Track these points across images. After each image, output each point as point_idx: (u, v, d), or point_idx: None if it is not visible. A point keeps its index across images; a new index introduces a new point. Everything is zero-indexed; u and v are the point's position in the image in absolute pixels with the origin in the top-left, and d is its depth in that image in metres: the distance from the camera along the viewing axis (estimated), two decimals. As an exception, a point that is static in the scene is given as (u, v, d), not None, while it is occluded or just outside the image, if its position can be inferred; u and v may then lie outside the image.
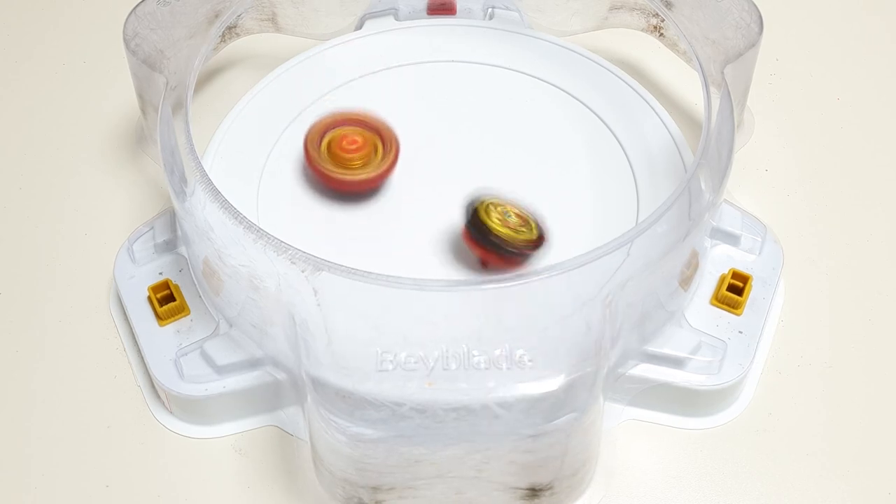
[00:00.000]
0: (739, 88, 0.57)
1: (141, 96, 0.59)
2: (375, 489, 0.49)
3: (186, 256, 0.56)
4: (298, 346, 0.48)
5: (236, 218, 0.49)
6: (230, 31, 0.63)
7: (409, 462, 0.47)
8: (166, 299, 0.54)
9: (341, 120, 0.59)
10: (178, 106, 0.55)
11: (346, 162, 0.57)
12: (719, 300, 0.55)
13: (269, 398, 0.53)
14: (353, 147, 0.57)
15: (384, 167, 0.57)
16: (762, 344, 0.55)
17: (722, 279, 0.55)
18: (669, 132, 0.60)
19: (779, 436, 0.54)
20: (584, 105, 0.62)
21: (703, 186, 0.52)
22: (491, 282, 0.48)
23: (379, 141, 0.58)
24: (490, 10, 0.66)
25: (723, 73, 0.56)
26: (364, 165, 0.57)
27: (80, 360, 0.56)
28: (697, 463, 0.53)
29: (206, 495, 0.52)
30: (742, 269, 0.56)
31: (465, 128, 0.61)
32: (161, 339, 0.54)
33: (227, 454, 0.53)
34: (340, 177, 0.57)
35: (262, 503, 0.51)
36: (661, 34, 0.64)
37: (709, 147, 0.53)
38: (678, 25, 0.59)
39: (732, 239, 0.57)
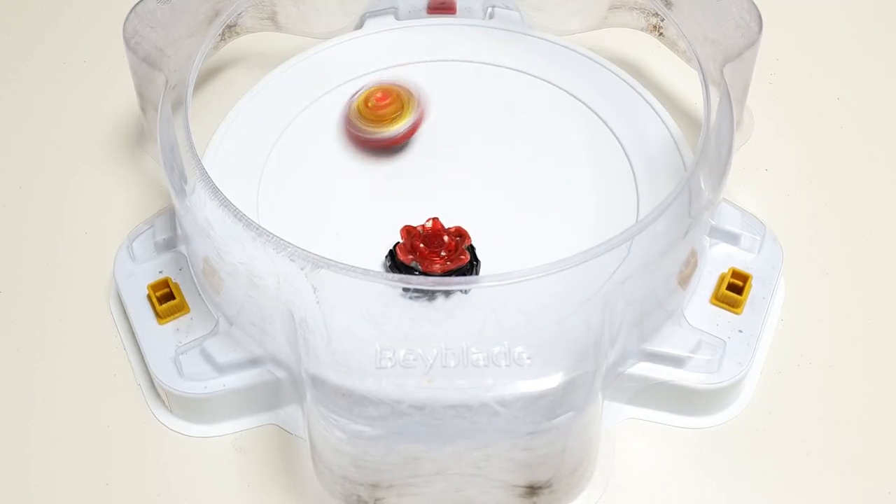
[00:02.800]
0: (739, 88, 0.57)
1: (141, 95, 0.59)
2: (374, 486, 0.49)
3: (186, 255, 0.56)
4: (298, 343, 0.48)
5: (235, 215, 0.49)
6: (230, 30, 0.63)
7: (408, 459, 0.47)
8: (166, 297, 0.54)
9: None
10: (178, 104, 0.55)
11: (380, 118, 0.59)
12: (719, 299, 0.55)
13: (268, 396, 0.53)
14: (385, 103, 0.60)
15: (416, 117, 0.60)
16: (762, 343, 0.55)
17: (722, 278, 0.55)
18: (669, 131, 0.60)
19: (778, 435, 0.54)
20: (584, 105, 0.62)
21: (702, 185, 0.52)
22: (490, 279, 0.48)
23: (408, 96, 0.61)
24: (490, 9, 0.66)
25: (722, 72, 0.56)
26: (395, 119, 0.59)
27: (80, 358, 0.56)
28: (697, 462, 0.53)
29: (206, 494, 0.52)
30: (742, 268, 0.56)
31: (465, 127, 0.61)
32: (161, 337, 0.54)
33: (227, 453, 0.53)
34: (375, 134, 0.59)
35: (261, 501, 0.51)
36: (661, 34, 0.64)
37: (708, 146, 0.53)
38: (678, 25, 0.59)
39: (732, 238, 0.57)
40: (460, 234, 0.55)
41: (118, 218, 0.61)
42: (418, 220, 0.55)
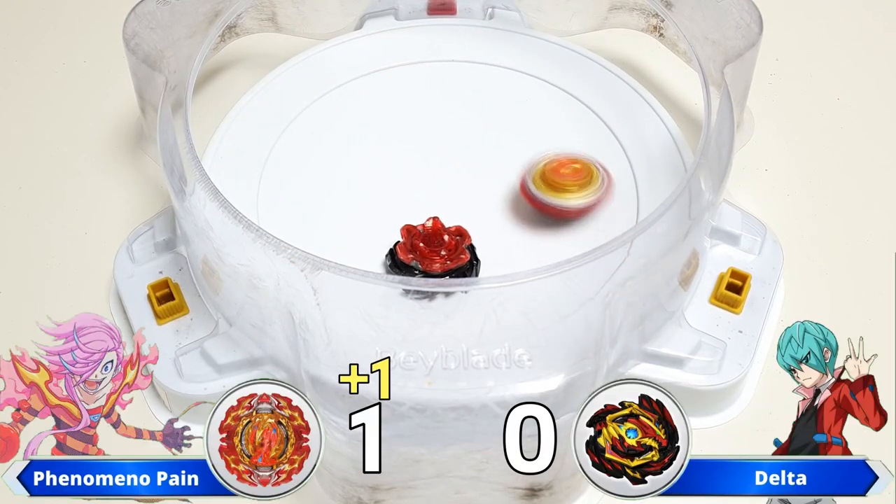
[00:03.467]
0: (739, 88, 0.57)
1: (141, 96, 0.59)
2: (375, 488, 0.49)
3: (186, 255, 0.56)
4: (298, 345, 0.48)
5: (235, 217, 0.49)
6: (230, 31, 0.63)
7: (408, 462, 0.47)
8: (165, 298, 0.54)
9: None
10: (178, 105, 0.55)
11: (563, 186, 0.57)
12: (718, 299, 0.55)
13: (268, 397, 0.53)
14: (569, 172, 0.57)
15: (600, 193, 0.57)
16: (762, 343, 0.55)
17: (721, 278, 0.55)
18: (669, 132, 0.60)
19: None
20: (585, 105, 0.62)
21: (702, 186, 0.52)
22: (491, 281, 0.48)
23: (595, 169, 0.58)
24: (490, 10, 0.66)
25: (723, 72, 0.56)
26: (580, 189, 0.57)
27: (79, 359, 0.56)
28: (697, 463, 0.53)
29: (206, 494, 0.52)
30: (742, 268, 0.56)
31: (465, 128, 0.61)
32: (160, 337, 0.53)
33: (227, 453, 0.53)
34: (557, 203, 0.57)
35: (262, 502, 0.51)
36: (661, 34, 0.64)
37: (709, 147, 0.53)
38: (678, 25, 0.59)
39: (732, 238, 0.57)
40: (460, 233, 0.55)
41: (118, 218, 0.61)
42: (418, 219, 0.55)
